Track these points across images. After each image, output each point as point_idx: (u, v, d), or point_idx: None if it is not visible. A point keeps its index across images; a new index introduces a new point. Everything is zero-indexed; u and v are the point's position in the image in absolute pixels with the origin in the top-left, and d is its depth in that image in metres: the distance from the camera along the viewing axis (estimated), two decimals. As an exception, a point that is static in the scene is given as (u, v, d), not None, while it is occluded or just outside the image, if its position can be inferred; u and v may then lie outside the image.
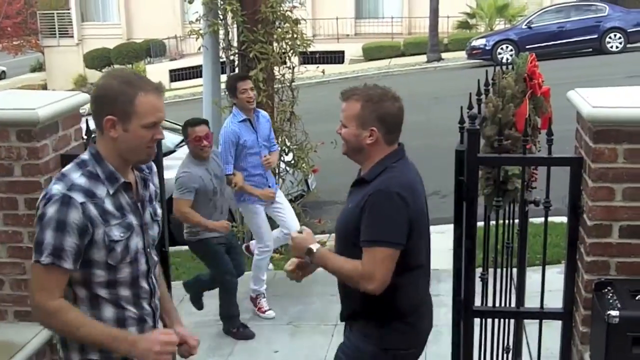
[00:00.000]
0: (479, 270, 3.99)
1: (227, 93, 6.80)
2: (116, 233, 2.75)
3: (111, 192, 2.75)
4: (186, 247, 8.09)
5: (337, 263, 3.28)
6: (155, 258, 3.01)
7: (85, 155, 2.80)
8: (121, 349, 2.72)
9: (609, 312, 3.32)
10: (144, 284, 2.90)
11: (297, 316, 6.52)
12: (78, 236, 2.65)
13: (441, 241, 7.43)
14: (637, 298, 3.42)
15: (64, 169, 2.81)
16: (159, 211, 3.05)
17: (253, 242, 6.99)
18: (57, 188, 2.67)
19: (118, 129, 2.71)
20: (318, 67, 10.17)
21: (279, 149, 7.57)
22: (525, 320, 4.70)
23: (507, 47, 24.81)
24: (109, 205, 2.74)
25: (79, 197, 2.66)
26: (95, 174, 2.74)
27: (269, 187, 6.64)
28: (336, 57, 29.78)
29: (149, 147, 2.79)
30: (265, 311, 6.57)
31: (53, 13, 36.16)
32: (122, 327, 2.82)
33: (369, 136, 3.24)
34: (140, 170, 2.94)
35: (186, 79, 29.57)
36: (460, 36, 29.27)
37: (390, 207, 3.15)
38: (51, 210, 2.64)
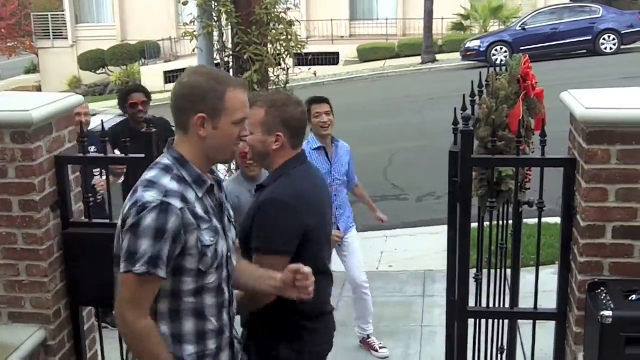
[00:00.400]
0: (473, 271, 3.99)
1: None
2: (207, 238, 2.68)
3: (200, 195, 2.69)
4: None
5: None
6: (234, 263, 2.96)
7: (166, 160, 2.72)
8: None
9: (602, 313, 3.33)
10: (226, 291, 2.85)
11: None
12: (172, 243, 2.57)
13: (435, 242, 7.45)
14: (630, 298, 3.43)
15: (149, 176, 2.69)
16: (232, 213, 3.01)
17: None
18: (151, 195, 2.58)
19: (207, 127, 2.65)
20: (310, 68, 10.15)
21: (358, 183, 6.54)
22: (519, 321, 4.71)
23: (501, 48, 24.88)
24: (199, 209, 2.67)
25: (177, 203, 2.59)
26: (183, 177, 2.67)
27: (337, 228, 5.86)
28: (331, 59, 29.80)
29: (235, 145, 2.75)
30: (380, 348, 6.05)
31: (47, 15, 36.12)
32: (201, 341, 2.77)
33: (275, 142, 3.26)
34: (212, 173, 2.89)
35: (181, 80, 29.52)
36: (454, 38, 29.33)
37: (279, 215, 3.18)
38: (149, 218, 2.54)
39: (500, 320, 4.45)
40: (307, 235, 3.20)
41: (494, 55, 24.56)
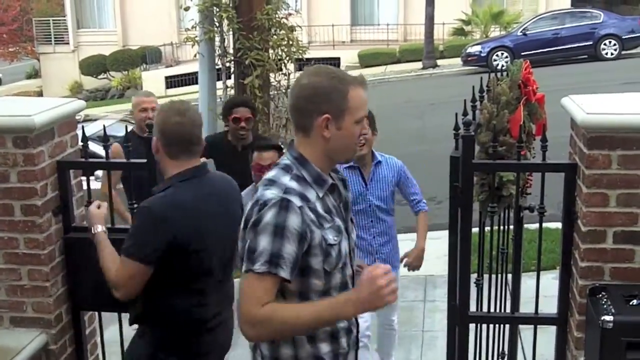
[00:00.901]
0: (474, 276, 3.99)
1: None
2: (330, 237, 2.62)
3: (320, 195, 2.64)
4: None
5: (106, 255, 3.42)
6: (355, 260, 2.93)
7: (286, 160, 2.68)
8: (348, 312, 2.52)
9: (603, 317, 3.33)
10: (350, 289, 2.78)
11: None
12: (297, 243, 2.51)
13: (436, 247, 7.45)
14: (631, 303, 3.43)
15: (269, 175, 2.65)
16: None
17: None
18: (272, 192, 2.54)
19: (331, 128, 2.60)
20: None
21: (426, 210, 5.36)
22: (520, 326, 4.71)
23: (502, 53, 24.89)
24: (320, 208, 2.62)
25: (296, 201, 2.54)
26: (302, 177, 2.62)
27: (375, 260, 5.04)
28: (332, 64, 29.40)
29: (356, 144, 2.71)
30: None
31: (49, 20, 36.16)
32: (335, 340, 2.72)
33: (155, 146, 3.37)
34: (335, 172, 2.86)
35: (182, 85, 29.56)
36: (455, 43, 29.34)
37: (147, 223, 3.24)
38: (269, 215, 2.50)
39: (501, 325, 4.45)
40: (181, 245, 3.24)
41: (495, 60, 24.57)
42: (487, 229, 4.20)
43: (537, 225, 3.87)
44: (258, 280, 2.50)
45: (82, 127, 4.25)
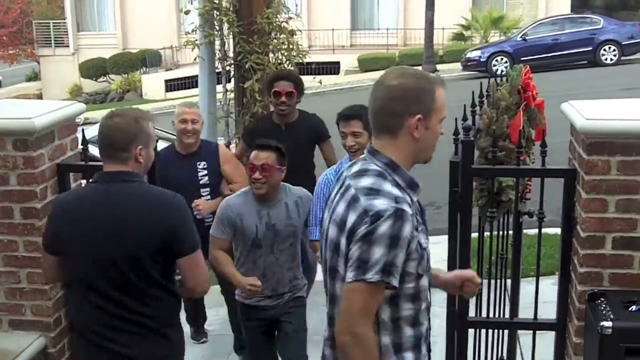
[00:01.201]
0: (473, 281, 3.99)
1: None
2: (422, 240, 2.63)
3: (414, 199, 2.64)
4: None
5: None
6: None
7: (375, 166, 2.62)
8: None
9: (602, 323, 3.33)
10: (429, 293, 2.79)
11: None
12: (406, 250, 2.50)
13: (435, 252, 7.44)
14: (629, 309, 3.44)
15: (367, 183, 2.58)
16: None
17: None
18: (382, 203, 2.49)
19: (420, 129, 2.60)
20: (315, 77, 10.17)
21: None
22: (519, 331, 4.71)
23: (502, 59, 24.88)
24: (415, 213, 2.61)
25: (408, 209, 2.51)
26: (397, 183, 2.60)
27: None
28: (331, 68, 29.80)
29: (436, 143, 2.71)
30: None
31: (49, 22, 36.16)
32: (417, 347, 2.69)
33: None
34: None
35: (182, 89, 29.55)
36: (455, 48, 29.35)
37: (51, 212, 3.43)
38: (384, 226, 2.45)
39: (500, 330, 4.45)
40: (60, 244, 3.30)
41: (494, 65, 24.55)
42: (487, 234, 4.20)
43: (536, 230, 3.87)
44: (369, 290, 2.47)
45: (82, 130, 4.26)
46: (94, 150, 3.60)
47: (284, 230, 4.44)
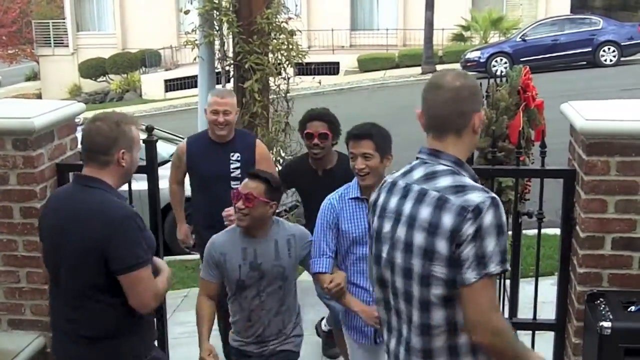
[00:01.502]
0: (472, 282, 3.99)
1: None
2: None
3: None
4: (180, 257, 8.10)
5: None
6: None
7: (444, 166, 2.63)
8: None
9: (601, 324, 3.34)
10: None
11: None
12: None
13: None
14: (629, 309, 3.44)
15: (449, 183, 2.58)
16: None
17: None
18: (477, 196, 2.50)
19: (479, 122, 2.68)
20: (314, 77, 10.15)
21: None
22: (518, 331, 4.71)
23: (501, 59, 24.89)
24: None
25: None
26: (469, 176, 2.65)
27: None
28: (331, 69, 29.81)
29: None
30: None
31: (48, 22, 36.16)
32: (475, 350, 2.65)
33: None
34: None
35: (181, 89, 29.56)
36: (455, 48, 29.35)
37: None
38: (488, 217, 2.47)
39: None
40: (41, 238, 3.38)
41: (494, 66, 24.56)
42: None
43: (535, 231, 3.88)
44: (492, 282, 2.50)
45: (82, 129, 4.25)
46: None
47: (271, 270, 3.94)
